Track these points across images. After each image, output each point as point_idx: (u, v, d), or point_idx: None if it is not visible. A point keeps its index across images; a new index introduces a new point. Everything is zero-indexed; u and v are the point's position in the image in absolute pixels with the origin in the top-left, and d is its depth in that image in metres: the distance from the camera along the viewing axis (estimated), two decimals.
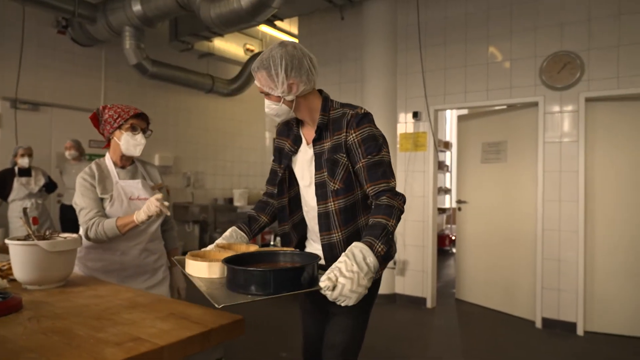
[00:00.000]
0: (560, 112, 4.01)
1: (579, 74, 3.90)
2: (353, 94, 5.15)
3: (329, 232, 1.58)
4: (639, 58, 3.69)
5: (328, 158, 1.56)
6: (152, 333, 1.11)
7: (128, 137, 1.98)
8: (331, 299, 1.25)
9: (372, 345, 3.53)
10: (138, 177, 2.08)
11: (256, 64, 1.53)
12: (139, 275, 2.04)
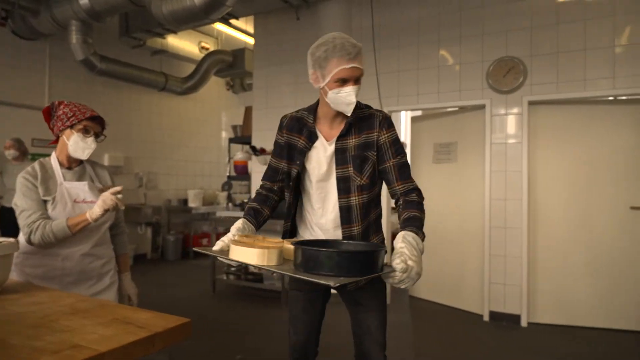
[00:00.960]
0: (505, 114, 4.20)
1: (523, 79, 4.11)
2: (309, 94, 5.17)
3: (350, 225, 1.67)
4: (576, 64, 3.93)
5: (357, 155, 1.65)
6: (93, 339, 1.08)
7: (78, 139, 1.89)
8: (397, 281, 1.34)
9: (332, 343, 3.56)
10: (85, 179, 2.00)
11: (355, 48, 1.55)
12: (84, 281, 1.96)
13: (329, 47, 1.54)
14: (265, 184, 1.81)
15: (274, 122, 5.90)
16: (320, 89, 1.63)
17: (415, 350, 3.56)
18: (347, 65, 1.52)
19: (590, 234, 3.97)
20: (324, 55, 1.54)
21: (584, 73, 3.91)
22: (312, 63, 1.61)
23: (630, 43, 3.77)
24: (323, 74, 1.57)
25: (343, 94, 1.55)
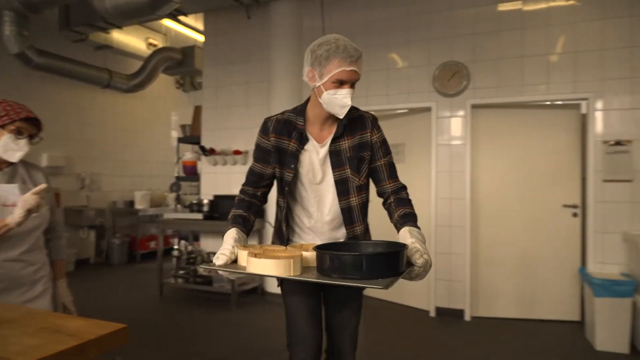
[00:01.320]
0: (450, 116, 4.36)
1: (466, 83, 4.27)
2: (259, 93, 5.14)
3: (353, 226, 1.70)
4: (515, 70, 4.14)
5: (353, 156, 1.66)
6: (17, 351, 1.01)
7: (9, 140, 1.76)
8: (413, 275, 1.39)
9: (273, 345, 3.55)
10: (17, 181, 1.87)
11: (357, 52, 1.55)
12: (15, 289, 1.84)
13: (332, 47, 1.52)
14: (248, 189, 1.74)
15: (224, 121, 5.81)
16: (314, 88, 1.61)
17: (366, 348, 3.61)
18: (348, 68, 1.52)
19: (527, 231, 4.19)
20: (326, 54, 1.52)
21: (521, 78, 4.12)
22: (310, 60, 1.57)
23: (563, 52, 4.01)
24: (321, 73, 1.55)
25: (339, 96, 1.54)
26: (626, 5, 3.83)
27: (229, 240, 1.50)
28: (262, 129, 1.71)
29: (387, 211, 1.71)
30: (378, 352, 3.44)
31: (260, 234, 5.02)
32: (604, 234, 3.85)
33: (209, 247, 5.31)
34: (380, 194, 1.74)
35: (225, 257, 1.43)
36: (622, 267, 3.77)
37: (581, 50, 3.96)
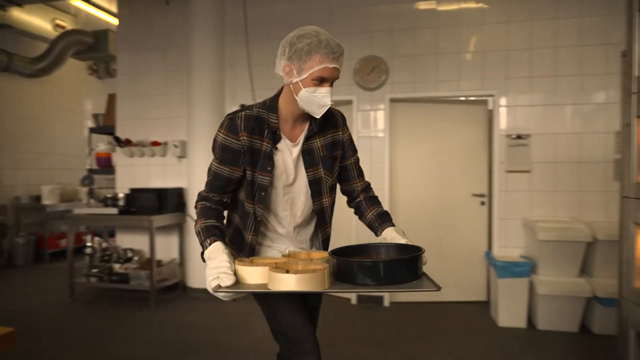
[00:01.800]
0: (370, 110, 4.49)
1: (385, 77, 4.42)
2: (179, 83, 4.95)
3: (325, 227, 1.68)
4: (430, 67, 4.35)
5: (327, 155, 1.59)
6: None
7: None
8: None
9: (198, 339, 3.48)
10: None
11: (340, 48, 1.44)
12: None
13: (313, 41, 1.41)
14: (213, 196, 1.55)
15: (141, 111, 5.51)
16: (289, 84, 1.48)
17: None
18: (331, 65, 1.43)
19: (440, 219, 4.45)
20: (308, 48, 1.40)
21: (436, 75, 4.34)
22: (288, 54, 1.44)
23: (473, 51, 4.28)
24: (301, 69, 1.43)
25: (319, 94, 1.45)
26: (528, 11, 4.17)
27: (222, 256, 1.33)
28: (229, 127, 1.52)
29: (356, 209, 1.71)
30: None
31: (180, 229, 4.86)
32: (507, 220, 4.19)
33: (125, 243, 5.05)
34: (348, 192, 1.72)
35: (230, 277, 1.27)
36: (522, 250, 4.13)
37: (488, 50, 4.25)
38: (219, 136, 1.53)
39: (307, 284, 1.21)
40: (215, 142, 1.56)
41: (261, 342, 3.51)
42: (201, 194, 1.57)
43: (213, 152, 1.58)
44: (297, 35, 1.44)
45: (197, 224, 1.50)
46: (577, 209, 4.06)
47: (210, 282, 1.28)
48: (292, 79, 1.46)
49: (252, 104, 1.58)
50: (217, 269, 1.29)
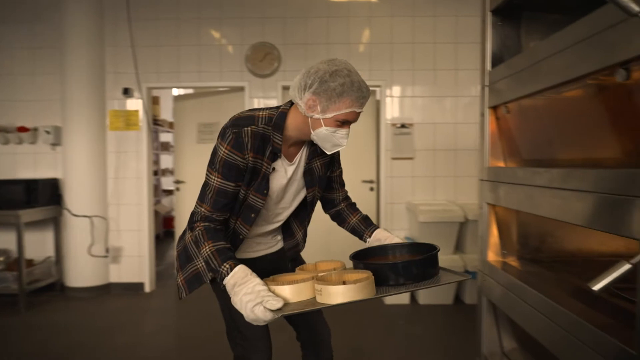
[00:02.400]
0: (263, 97, 4.45)
1: (278, 64, 4.41)
2: (50, 61, 4.45)
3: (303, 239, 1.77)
4: (321, 55, 4.42)
5: (323, 174, 1.61)
6: None
7: None
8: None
9: (80, 341, 3.21)
10: None
11: (368, 91, 1.40)
12: None
13: (347, 82, 1.32)
14: (218, 215, 1.43)
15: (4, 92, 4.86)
16: (307, 115, 1.39)
17: (177, 328, 3.53)
18: (359, 110, 1.38)
19: None
20: (340, 90, 1.32)
21: None
22: (317, 89, 1.34)
23: (364, 42, 4.44)
24: (327, 108, 1.35)
25: (338, 135, 1.40)
26: (411, 7, 4.41)
27: (255, 279, 1.25)
28: (235, 144, 1.38)
29: (337, 216, 1.75)
30: (191, 336, 3.39)
31: (56, 224, 4.42)
32: (392, 205, 4.46)
33: None
34: (329, 201, 1.74)
35: (278, 299, 1.18)
36: (406, 231, 4.43)
37: (376, 42, 4.44)
38: (220, 150, 1.40)
39: (360, 292, 1.19)
40: (215, 155, 1.42)
41: (149, 338, 3.35)
42: (201, 213, 1.43)
43: (211, 165, 1.43)
44: (329, 72, 1.34)
45: (202, 248, 1.37)
46: (453, 192, 4.44)
47: (254, 309, 1.18)
48: (313, 113, 1.38)
49: (252, 116, 1.44)
50: (255, 294, 1.20)
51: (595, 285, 0.99)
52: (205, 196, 1.43)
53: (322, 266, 1.50)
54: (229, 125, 1.41)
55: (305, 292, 1.24)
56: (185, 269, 1.60)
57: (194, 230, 1.41)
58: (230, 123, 1.42)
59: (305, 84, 1.36)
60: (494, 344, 2.02)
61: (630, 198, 1.04)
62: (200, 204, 1.44)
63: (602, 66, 1.13)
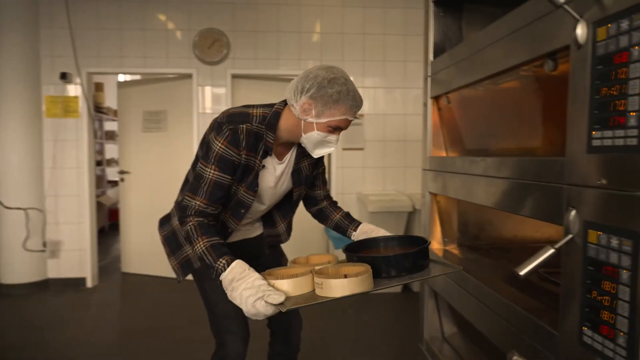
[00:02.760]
0: (211, 85, 4.33)
1: (226, 52, 4.29)
2: None
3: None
4: (271, 44, 4.35)
5: (310, 173, 1.65)
6: None
7: None
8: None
9: (15, 341, 3.02)
10: None
11: (361, 101, 1.45)
12: None
13: (343, 90, 1.38)
14: (212, 209, 1.42)
15: None
16: (301, 119, 1.43)
17: (122, 322, 3.40)
18: (351, 117, 1.44)
19: None
20: (337, 97, 1.37)
21: (277, 53, 4.37)
22: (314, 93, 1.37)
23: (314, 31, 4.39)
24: (322, 113, 1.39)
25: (328, 140, 1.45)
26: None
27: (254, 274, 1.25)
28: (231, 140, 1.39)
29: (319, 213, 1.77)
30: (134, 329, 3.28)
31: None
32: (344, 195, 4.48)
33: None
34: (311, 198, 1.76)
35: (279, 293, 1.19)
36: None
37: (327, 32, 4.41)
38: (216, 145, 1.39)
39: (360, 285, 1.19)
40: (210, 149, 1.41)
41: (89, 334, 3.20)
42: (194, 206, 1.40)
43: (205, 159, 1.42)
44: (327, 78, 1.38)
45: (196, 243, 1.35)
46: (402, 182, 4.52)
47: (255, 304, 1.19)
48: (307, 117, 1.42)
49: (246, 113, 1.45)
50: (256, 289, 1.20)
51: (522, 271, 1.02)
52: (199, 189, 1.41)
53: (314, 259, 1.51)
54: (224, 121, 1.41)
55: (305, 286, 1.25)
56: (177, 254, 1.64)
57: (185, 224, 1.40)
58: (225, 119, 1.42)
59: (303, 88, 1.39)
60: (436, 330, 2.07)
61: (554, 185, 1.08)
62: (193, 197, 1.41)
63: (532, 57, 1.16)
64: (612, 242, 0.90)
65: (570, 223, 1.01)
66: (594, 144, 0.94)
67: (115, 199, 7.21)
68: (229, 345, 1.62)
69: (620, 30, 0.87)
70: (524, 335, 1.23)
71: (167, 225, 1.69)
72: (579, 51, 0.98)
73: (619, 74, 0.87)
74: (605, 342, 0.92)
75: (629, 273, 0.86)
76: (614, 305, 0.90)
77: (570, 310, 1.03)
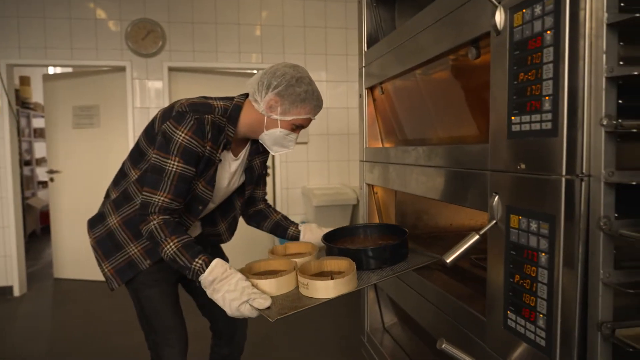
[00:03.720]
0: (147, 78, 4.13)
1: (162, 44, 4.10)
2: None
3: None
4: (210, 36, 4.21)
5: (260, 171, 1.65)
6: None
7: None
8: None
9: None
10: None
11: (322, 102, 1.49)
12: None
13: (309, 90, 1.40)
14: (177, 204, 1.35)
15: None
16: (264, 115, 1.41)
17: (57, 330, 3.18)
18: (314, 117, 1.47)
19: None
20: (304, 96, 1.39)
21: (216, 45, 4.23)
22: (281, 90, 1.37)
23: (255, 23, 4.29)
24: (287, 111, 1.40)
25: (289, 138, 1.46)
26: None
27: (237, 275, 1.22)
28: (196, 130, 1.33)
29: (258, 214, 1.74)
30: (66, 337, 3.07)
31: None
32: (288, 190, 4.43)
33: None
34: (252, 198, 1.72)
35: (266, 297, 1.16)
36: (302, 216, 4.44)
37: (267, 24, 4.32)
38: (179, 136, 1.31)
39: (347, 286, 1.18)
40: (170, 139, 1.32)
41: (17, 347, 2.97)
42: (157, 203, 1.31)
43: (164, 150, 1.33)
44: (295, 77, 1.39)
45: (165, 244, 1.28)
46: (346, 175, 4.53)
47: (239, 307, 1.16)
48: (271, 113, 1.41)
49: (208, 104, 1.40)
50: (240, 291, 1.17)
51: (448, 258, 1.02)
52: (161, 183, 1.32)
53: (292, 248, 1.52)
54: (187, 110, 1.34)
55: (289, 284, 1.24)
56: (112, 258, 1.50)
57: (148, 222, 1.30)
58: (188, 108, 1.35)
59: (270, 84, 1.38)
60: (377, 321, 2.07)
61: (479, 172, 1.09)
62: (154, 192, 1.32)
63: (456, 44, 1.16)
64: (531, 226, 0.91)
65: (494, 208, 1.02)
66: (513, 129, 0.95)
67: (46, 200, 6.76)
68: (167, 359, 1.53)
69: (535, 15, 0.88)
70: (455, 322, 1.24)
71: (100, 225, 1.54)
72: (497, 37, 0.99)
73: (534, 59, 0.88)
74: (527, 324, 0.93)
75: (547, 256, 0.87)
76: (534, 289, 0.91)
77: (496, 295, 1.04)
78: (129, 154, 1.54)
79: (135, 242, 1.48)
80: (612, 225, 0.78)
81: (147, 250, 1.48)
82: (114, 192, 1.55)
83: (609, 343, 0.81)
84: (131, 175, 1.50)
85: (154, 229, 1.29)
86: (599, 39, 0.78)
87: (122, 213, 1.50)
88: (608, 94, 0.78)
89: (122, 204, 1.51)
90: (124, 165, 1.55)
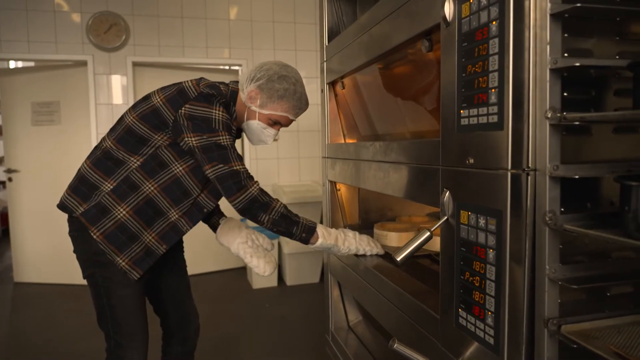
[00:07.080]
0: (110, 73, 4.00)
1: (126, 38, 3.98)
2: None
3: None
4: (176, 30, 4.10)
5: None
6: None
7: None
8: None
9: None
10: None
11: (307, 105, 1.52)
12: None
13: (290, 89, 1.44)
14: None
15: None
16: (247, 106, 1.48)
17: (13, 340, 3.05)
18: (292, 117, 1.49)
19: None
20: (282, 93, 1.43)
21: (182, 40, 4.12)
22: (262, 84, 1.43)
23: (222, 18, 4.20)
24: (265, 104, 1.45)
25: (266, 132, 1.49)
26: None
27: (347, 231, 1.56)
28: (225, 109, 1.41)
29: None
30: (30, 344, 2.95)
31: None
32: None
33: None
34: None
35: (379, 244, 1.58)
36: None
37: (235, 19, 4.24)
38: (216, 113, 1.38)
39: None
40: (210, 119, 1.37)
41: None
42: (242, 172, 1.37)
43: (211, 130, 1.36)
44: (279, 74, 1.44)
45: (275, 203, 1.41)
46: (317, 172, 4.50)
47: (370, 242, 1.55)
48: (251, 104, 1.47)
49: (218, 86, 1.44)
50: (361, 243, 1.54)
51: (399, 256, 0.99)
52: (229, 156, 1.36)
53: (415, 219, 1.83)
54: (209, 93, 1.39)
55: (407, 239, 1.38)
56: (128, 250, 1.44)
57: (247, 190, 1.35)
58: (209, 90, 1.39)
59: (254, 77, 1.45)
60: (342, 320, 2.05)
61: (432, 167, 1.06)
62: (233, 163, 1.36)
63: (409, 37, 1.14)
64: (480, 222, 0.89)
65: (445, 205, 1.00)
66: (462, 122, 0.93)
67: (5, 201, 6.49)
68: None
69: (481, 5, 0.85)
70: (411, 320, 1.22)
71: (105, 219, 1.42)
72: (447, 29, 0.96)
73: (481, 51, 0.86)
74: (476, 322, 0.92)
75: (494, 252, 0.85)
76: (482, 286, 0.89)
77: (448, 293, 1.02)
78: (118, 141, 1.45)
79: (149, 229, 1.45)
80: (557, 220, 0.77)
81: (162, 236, 1.47)
82: (108, 183, 1.44)
83: (555, 339, 0.79)
84: (131, 163, 1.43)
85: (258, 194, 1.37)
86: (543, 29, 0.76)
87: (130, 203, 1.42)
88: (552, 86, 0.77)
89: (127, 194, 1.42)
90: (116, 153, 1.44)
